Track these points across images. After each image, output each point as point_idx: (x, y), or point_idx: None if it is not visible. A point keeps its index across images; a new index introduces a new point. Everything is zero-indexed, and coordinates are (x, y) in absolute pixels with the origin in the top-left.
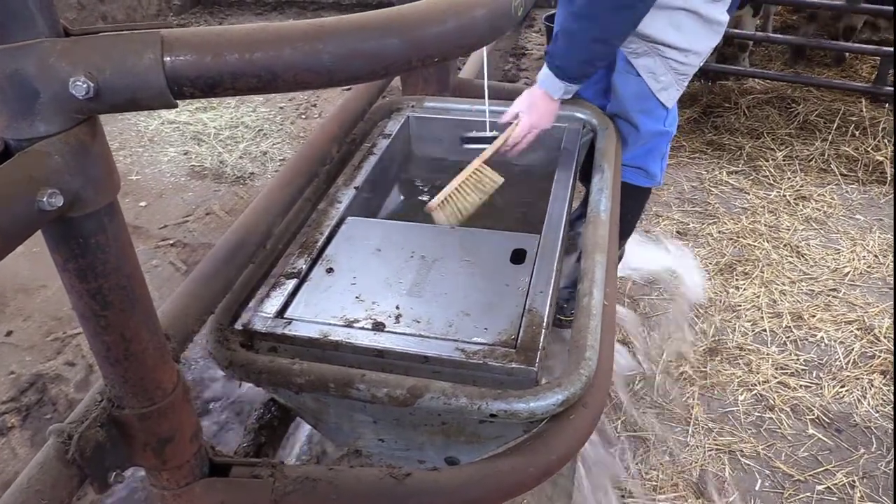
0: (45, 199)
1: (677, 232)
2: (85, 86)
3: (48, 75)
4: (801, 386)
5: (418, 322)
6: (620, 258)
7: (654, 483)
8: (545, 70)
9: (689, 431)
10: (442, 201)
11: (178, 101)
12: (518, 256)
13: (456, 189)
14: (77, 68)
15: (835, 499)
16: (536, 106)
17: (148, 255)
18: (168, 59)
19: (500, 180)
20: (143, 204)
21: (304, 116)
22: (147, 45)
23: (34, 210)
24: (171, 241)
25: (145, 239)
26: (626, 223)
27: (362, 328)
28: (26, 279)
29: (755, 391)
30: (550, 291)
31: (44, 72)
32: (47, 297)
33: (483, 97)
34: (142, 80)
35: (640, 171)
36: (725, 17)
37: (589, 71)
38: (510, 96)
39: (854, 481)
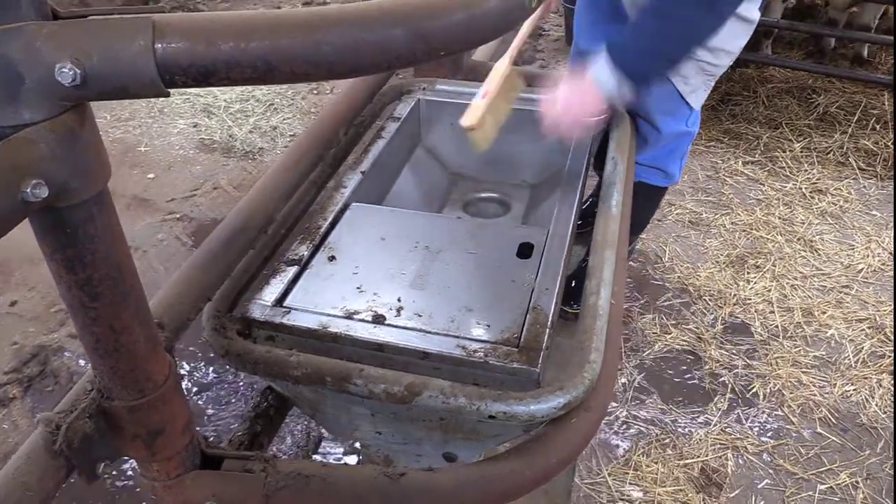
0: (29, 190)
1: (689, 221)
2: (71, 72)
3: (33, 60)
4: (808, 383)
5: (420, 316)
6: (631, 253)
7: (655, 476)
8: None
9: (693, 424)
10: (480, 119)
11: (170, 91)
12: (525, 250)
13: (490, 104)
14: (63, 54)
15: (837, 499)
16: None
17: (154, 229)
18: (159, 45)
19: (522, 85)
20: (150, 176)
21: (315, 92)
22: (138, 30)
23: (18, 201)
24: (178, 215)
25: (152, 212)
26: (640, 220)
27: (362, 320)
28: (32, 249)
29: (761, 386)
30: (557, 289)
31: (29, 56)
32: None
33: None
34: (131, 68)
35: (658, 171)
36: (757, 15)
37: (653, 77)
38: (527, 81)
39: (857, 482)
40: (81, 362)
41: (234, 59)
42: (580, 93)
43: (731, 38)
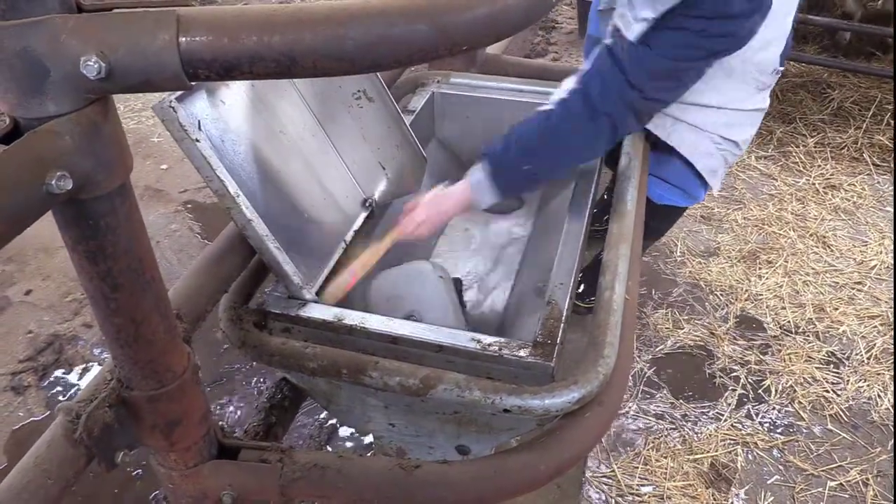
0: (53, 182)
1: (701, 216)
2: (97, 66)
3: (59, 54)
4: (820, 380)
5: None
6: (644, 251)
7: (665, 470)
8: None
9: (704, 419)
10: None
11: (192, 84)
12: None
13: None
14: (88, 47)
15: (847, 496)
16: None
17: (168, 220)
18: (183, 39)
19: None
20: (164, 167)
21: None
22: (162, 24)
23: (42, 193)
24: (191, 206)
25: (166, 203)
26: (660, 230)
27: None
28: (47, 239)
29: (772, 382)
30: (571, 284)
31: (54, 50)
32: (67, 258)
33: (512, 74)
34: (156, 62)
35: (683, 192)
36: (767, 103)
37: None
38: (536, 74)
39: (868, 479)
40: (96, 351)
41: (257, 54)
42: (450, 196)
43: (749, 128)
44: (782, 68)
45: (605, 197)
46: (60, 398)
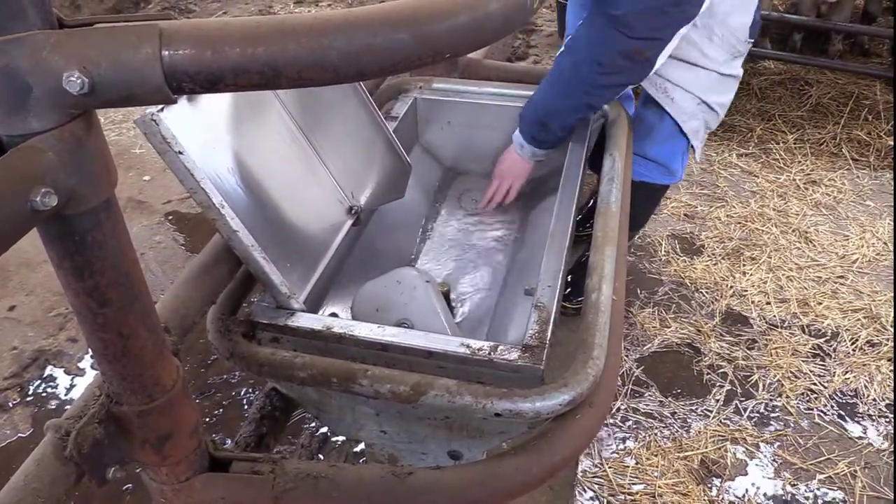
0: (38, 199)
1: (685, 215)
2: (79, 81)
3: (41, 70)
4: (807, 373)
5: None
6: (629, 248)
7: (655, 468)
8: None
9: (693, 416)
10: None
11: (177, 98)
12: None
13: None
14: (71, 63)
15: (835, 488)
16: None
17: (151, 231)
18: (166, 53)
19: None
20: (146, 178)
21: None
22: (144, 38)
23: (27, 210)
24: (175, 217)
25: (149, 214)
26: (641, 218)
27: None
28: (30, 254)
29: (760, 377)
30: (558, 286)
31: (36, 66)
32: (50, 272)
33: (493, 79)
34: (139, 76)
35: (662, 167)
36: (741, 71)
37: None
38: (517, 77)
39: (856, 471)
40: (81, 366)
41: (241, 66)
42: (509, 154)
43: (725, 94)
44: (752, 40)
45: (590, 204)
46: (47, 414)
